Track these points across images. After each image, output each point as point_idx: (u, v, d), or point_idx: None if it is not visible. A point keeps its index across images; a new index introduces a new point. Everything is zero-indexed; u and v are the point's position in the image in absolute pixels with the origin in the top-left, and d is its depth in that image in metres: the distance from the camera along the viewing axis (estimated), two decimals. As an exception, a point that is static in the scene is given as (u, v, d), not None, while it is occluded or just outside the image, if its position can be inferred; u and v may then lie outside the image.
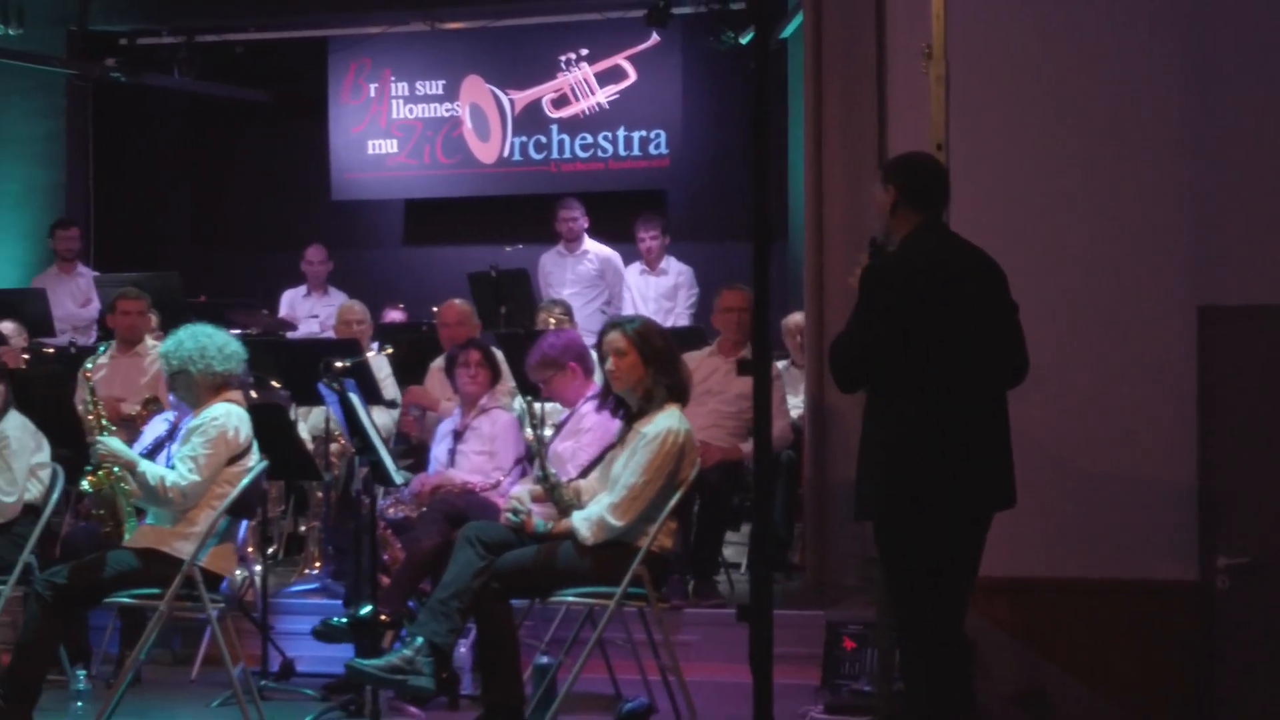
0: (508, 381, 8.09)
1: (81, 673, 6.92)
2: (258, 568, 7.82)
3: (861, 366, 5.00)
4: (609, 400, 6.35)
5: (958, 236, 5.23)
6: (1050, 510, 6.62)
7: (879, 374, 4.96)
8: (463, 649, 6.59)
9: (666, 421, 6.05)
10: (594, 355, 7.35)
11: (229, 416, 6.47)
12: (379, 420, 7.84)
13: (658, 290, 11.18)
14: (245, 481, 6.45)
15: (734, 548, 8.63)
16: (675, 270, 11.22)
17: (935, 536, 4.97)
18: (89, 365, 7.18)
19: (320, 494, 8.71)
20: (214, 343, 6.60)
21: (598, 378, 7.25)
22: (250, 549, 7.91)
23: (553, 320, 8.92)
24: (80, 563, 6.38)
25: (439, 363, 8.62)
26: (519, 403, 8.19)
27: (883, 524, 5.04)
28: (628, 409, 6.27)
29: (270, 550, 8.49)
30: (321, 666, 7.24)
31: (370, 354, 8.79)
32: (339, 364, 6.79)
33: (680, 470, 6.05)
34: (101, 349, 7.62)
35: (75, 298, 11.81)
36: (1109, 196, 6.85)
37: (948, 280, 5.00)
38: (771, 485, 5.69)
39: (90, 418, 6.94)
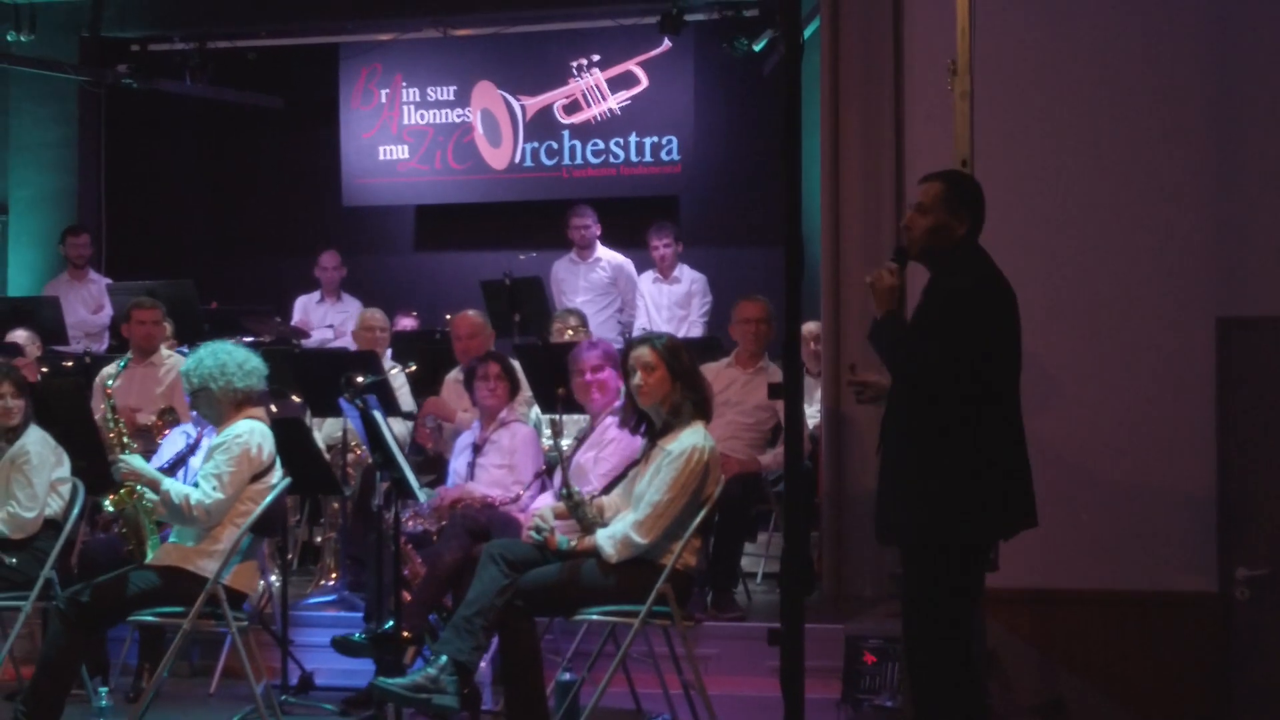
0: (525, 392, 8.08)
1: (104, 689, 6.92)
2: (275, 579, 7.82)
3: (938, 381, 4.96)
4: (631, 417, 6.34)
5: None
6: (1069, 521, 6.62)
7: (951, 394, 4.95)
8: (482, 664, 6.58)
9: (692, 438, 6.03)
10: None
11: (252, 434, 6.48)
12: (395, 431, 7.83)
13: (671, 299, 11.17)
14: (269, 499, 6.47)
15: (748, 558, 8.61)
16: (689, 278, 11.21)
17: (980, 558, 5.02)
18: (110, 382, 7.19)
19: (336, 504, 8.70)
20: (234, 359, 6.60)
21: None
22: (267, 559, 7.89)
23: (570, 331, 8.89)
24: (103, 581, 6.38)
25: (455, 374, 8.61)
26: (535, 413, 8.19)
27: (929, 546, 5.00)
28: (650, 425, 6.26)
29: (285, 559, 8.46)
30: (340, 680, 7.23)
31: (392, 371, 8.80)
32: (360, 379, 6.78)
33: (705, 487, 6.03)
34: (121, 363, 7.60)
35: (87, 304, 11.82)
36: (1128, 208, 6.85)
37: (1014, 305, 5.07)
38: (802, 507, 5.66)
39: (111, 435, 6.93)
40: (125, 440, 6.86)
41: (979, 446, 4.96)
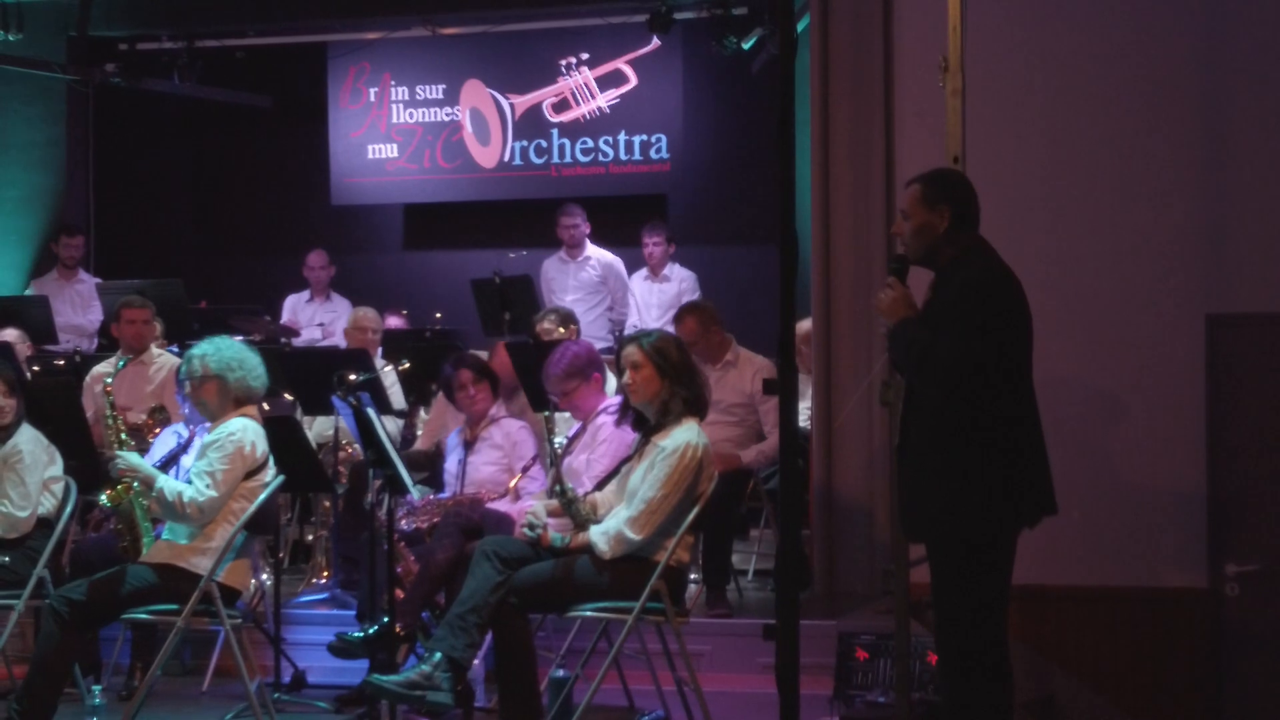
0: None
1: (97, 687, 6.92)
2: (266, 577, 7.81)
3: (970, 378, 4.93)
4: (628, 414, 6.36)
5: None
6: (1060, 518, 6.57)
7: (979, 388, 4.94)
8: (476, 661, 6.59)
9: (685, 435, 6.04)
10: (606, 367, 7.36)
11: (245, 431, 6.49)
12: (387, 428, 7.81)
13: (661, 298, 11.20)
14: (263, 497, 6.47)
15: (739, 555, 8.63)
16: (679, 277, 11.24)
17: (1009, 548, 5.06)
18: (109, 380, 7.20)
19: (327, 502, 8.70)
20: (251, 359, 6.69)
21: (609, 388, 7.27)
22: (259, 557, 7.89)
23: (561, 329, 8.83)
24: (98, 579, 6.39)
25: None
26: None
27: (960, 540, 5.01)
28: (645, 422, 6.27)
29: (277, 557, 8.46)
30: (333, 678, 7.22)
31: (386, 368, 8.79)
32: (353, 377, 6.78)
33: (699, 484, 6.04)
34: (121, 363, 7.62)
35: (76, 304, 11.80)
36: (1119, 206, 6.88)
37: (1021, 288, 5.08)
38: (797, 503, 5.65)
39: (110, 431, 6.95)
40: (123, 437, 6.88)
41: (1003, 435, 4.97)
